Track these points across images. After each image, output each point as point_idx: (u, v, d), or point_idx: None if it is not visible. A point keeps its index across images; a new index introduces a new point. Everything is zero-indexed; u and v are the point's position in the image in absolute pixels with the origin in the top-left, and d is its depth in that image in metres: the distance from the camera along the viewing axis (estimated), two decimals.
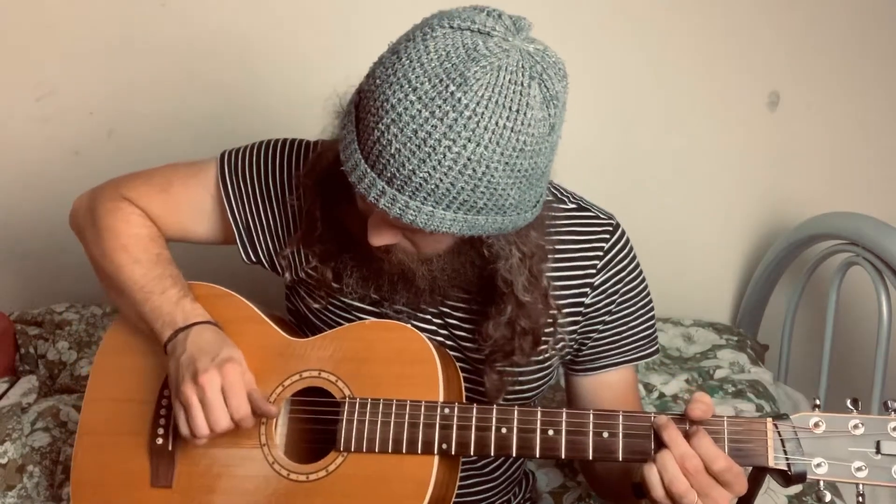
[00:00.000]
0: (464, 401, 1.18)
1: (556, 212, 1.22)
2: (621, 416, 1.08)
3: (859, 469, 1.02)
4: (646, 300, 1.26)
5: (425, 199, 0.97)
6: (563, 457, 1.09)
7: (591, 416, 1.08)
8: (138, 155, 2.03)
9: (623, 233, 1.25)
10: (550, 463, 1.62)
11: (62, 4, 2.03)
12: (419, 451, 1.10)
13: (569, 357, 1.28)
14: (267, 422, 1.18)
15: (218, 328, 1.20)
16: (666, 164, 2.11)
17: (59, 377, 1.87)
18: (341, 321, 1.24)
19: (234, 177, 1.27)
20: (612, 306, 1.23)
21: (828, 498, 1.03)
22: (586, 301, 1.22)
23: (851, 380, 1.99)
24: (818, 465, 1.03)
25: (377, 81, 0.97)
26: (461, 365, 1.21)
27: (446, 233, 1.01)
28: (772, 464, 1.04)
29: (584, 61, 2.03)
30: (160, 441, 1.21)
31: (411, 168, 0.96)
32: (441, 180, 0.96)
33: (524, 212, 1.05)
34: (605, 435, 1.07)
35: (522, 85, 0.95)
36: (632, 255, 1.25)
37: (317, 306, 1.26)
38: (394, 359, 1.14)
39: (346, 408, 1.13)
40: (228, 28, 2.03)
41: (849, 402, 1.04)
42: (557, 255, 1.21)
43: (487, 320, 1.16)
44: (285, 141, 1.28)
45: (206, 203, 1.30)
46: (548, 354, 1.24)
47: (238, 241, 1.28)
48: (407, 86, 0.95)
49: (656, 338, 1.29)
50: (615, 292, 1.23)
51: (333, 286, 1.22)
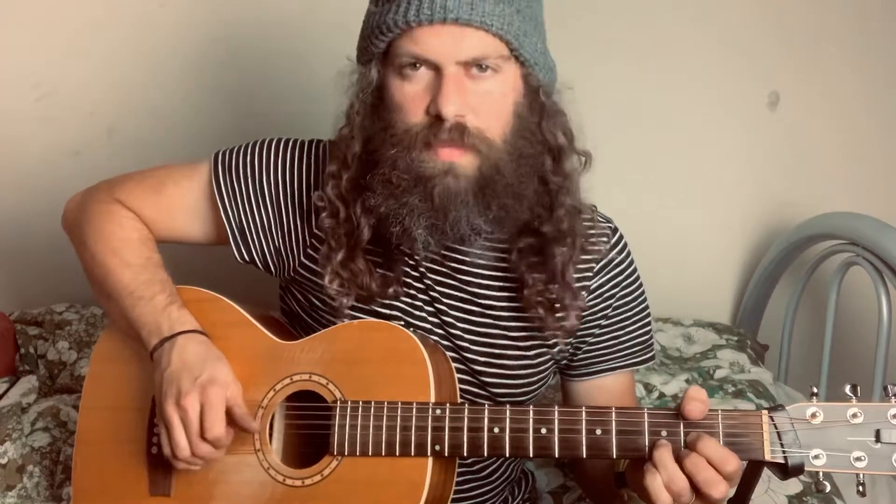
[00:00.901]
0: (458, 397, 1.17)
1: (588, 222, 1.21)
2: (614, 413, 1.06)
3: (858, 459, 1.00)
4: (643, 305, 1.26)
5: None
6: (557, 455, 1.08)
7: (584, 413, 1.07)
8: (138, 155, 2.04)
9: (622, 237, 1.24)
10: (550, 463, 1.62)
11: (62, 4, 2.03)
12: (412, 454, 1.10)
13: (564, 361, 1.27)
14: (251, 434, 1.17)
15: (204, 337, 1.19)
16: (666, 164, 2.11)
17: (59, 377, 1.87)
18: (335, 320, 1.22)
19: (227, 176, 1.27)
20: (609, 310, 1.23)
21: (828, 489, 1.01)
22: (582, 304, 1.21)
23: (851, 380, 1.95)
24: (816, 457, 1.00)
25: None
26: (451, 355, 1.20)
27: (506, 35, 1.07)
28: (768, 457, 1.02)
29: (585, 61, 2.03)
30: (155, 450, 1.21)
31: None
32: None
33: (551, 58, 1.16)
34: (599, 432, 1.06)
35: None
36: (630, 260, 1.24)
37: (346, 300, 1.21)
38: (384, 359, 1.14)
39: (338, 411, 1.13)
40: (228, 28, 2.03)
41: (847, 389, 1.02)
42: None
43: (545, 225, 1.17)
44: (279, 140, 1.28)
45: (199, 203, 1.30)
46: (539, 350, 1.22)
47: (231, 240, 1.27)
48: None
49: (653, 344, 1.29)
50: (612, 296, 1.23)
51: (377, 291, 1.19)
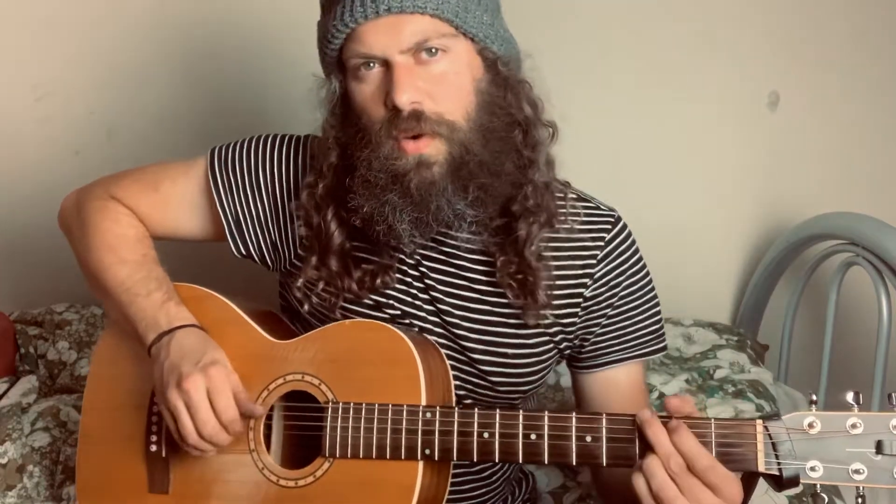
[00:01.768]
0: (452, 394, 1.17)
1: (561, 201, 1.21)
2: (604, 420, 1.04)
3: (857, 471, 0.96)
4: (650, 294, 1.25)
5: None
6: (547, 462, 1.06)
7: (574, 419, 1.05)
8: (138, 155, 2.04)
9: (625, 225, 1.24)
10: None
11: (62, 5, 2.03)
12: (403, 457, 1.09)
13: (569, 352, 1.26)
14: (254, 426, 1.17)
15: (201, 330, 1.19)
16: (666, 164, 2.11)
17: (59, 377, 1.87)
18: (330, 314, 1.22)
19: (223, 170, 1.27)
20: (615, 299, 1.22)
21: (826, 501, 0.97)
22: (586, 293, 1.21)
23: (851, 380, 1.99)
24: (812, 469, 0.97)
25: None
26: (452, 353, 1.20)
27: (444, 13, 1.08)
28: (762, 468, 0.99)
29: (585, 60, 2.04)
30: (154, 448, 1.21)
31: None
32: None
33: (504, 31, 1.16)
34: (588, 439, 1.04)
35: None
36: (634, 248, 1.23)
37: (306, 307, 1.24)
38: (376, 360, 1.13)
39: (330, 413, 1.13)
40: (228, 27, 2.03)
41: (850, 397, 0.97)
42: (557, 245, 1.20)
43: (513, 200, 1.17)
44: (275, 136, 1.29)
45: (195, 199, 1.30)
46: (541, 339, 1.22)
47: (228, 234, 1.28)
48: None
49: (663, 333, 1.27)
50: (617, 285, 1.22)
51: (357, 292, 1.20)
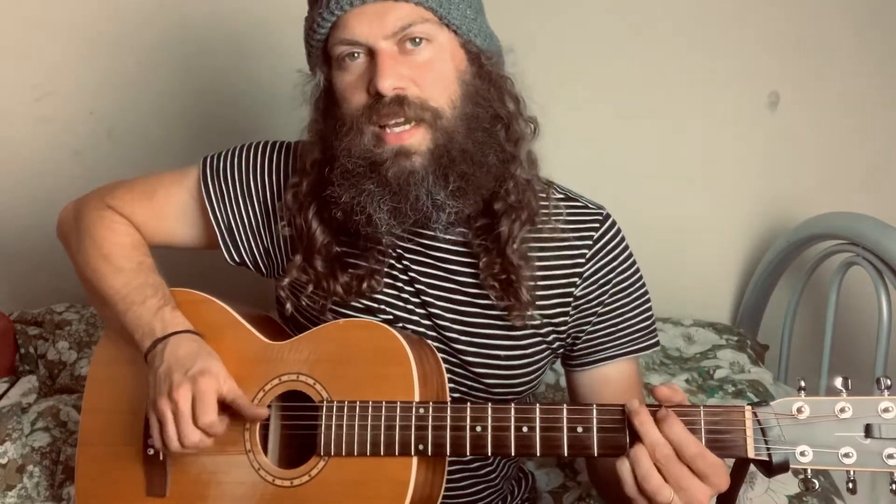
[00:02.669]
0: (446, 393, 1.17)
1: (544, 201, 1.21)
2: (595, 410, 1.05)
3: (847, 455, 0.96)
4: (641, 290, 1.25)
5: None
6: (539, 454, 1.07)
7: (565, 410, 1.06)
8: (138, 155, 2.06)
9: (614, 223, 1.24)
10: (550, 462, 1.62)
11: (62, 4, 2.03)
12: (397, 453, 1.10)
13: (563, 351, 1.27)
14: (250, 427, 1.18)
15: (197, 336, 1.20)
16: (666, 164, 2.10)
17: (59, 377, 1.87)
18: (324, 318, 1.23)
19: (215, 178, 1.28)
20: (605, 297, 1.22)
21: (817, 486, 0.98)
22: (576, 292, 1.21)
23: (851, 379, 1.99)
24: (802, 454, 0.97)
25: None
26: (445, 357, 1.20)
27: (426, 1, 1.09)
28: (751, 454, 0.99)
29: (585, 60, 2.04)
30: (151, 451, 1.22)
31: None
32: None
33: (487, 27, 1.17)
34: (580, 430, 1.05)
35: None
36: (624, 245, 1.24)
37: (289, 306, 1.25)
38: (369, 359, 1.14)
39: (325, 412, 1.13)
40: (228, 28, 2.03)
41: (838, 382, 0.98)
42: (545, 245, 1.20)
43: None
44: (265, 143, 1.30)
45: (189, 207, 1.31)
46: (533, 340, 1.22)
47: (220, 242, 1.29)
48: None
49: (655, 329, 1.27)
50: (607, 283, 1.22)
51: (341, 293, 1.21)
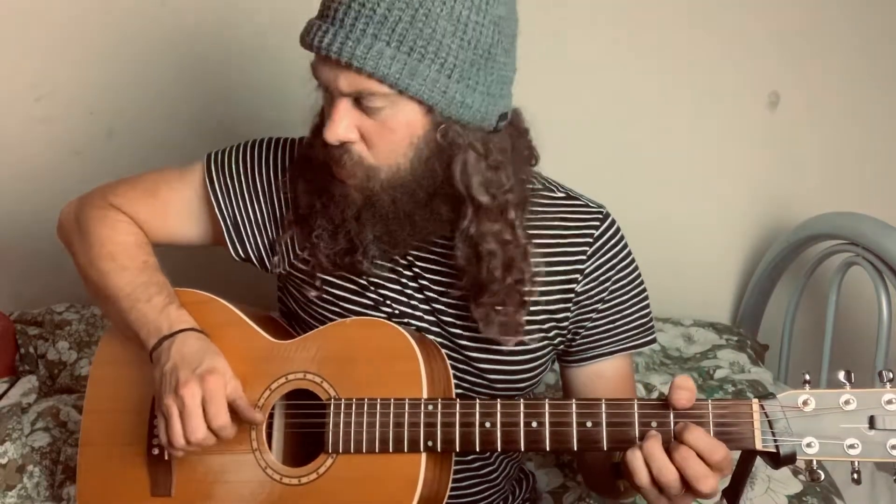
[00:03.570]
0: (453, 390, 1.17)
1: (545, 199, 1.22)
2: (604, 405, 1.06)
3: (852, 446, 0.98)
4: (639, 287, 1.26)
5: (364, 30, 1.02)
6: (549, 449, 1.08)
7: (574, 405, 1.06)
8: (138, 155, 2.05)
9: (613, 221, 1.24)
10: (550, 463, 1.62)
11: (62, 4, 2.03)
12: (406, 450, 1.10)
13: (562, 347, 1.27)
14: (257, 426, 1.18)
15: (203, 335, 1.20)
16: (666, 164, 2.11)
17: (59, 377, 1.87)
18: (330, 314, 1.24)
19: (220, 174, 1.28)
20: (605, 294, 1.23)
21: (822, 477, 1.00)
22: (577, 289, 1.22)
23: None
24: (808, 445, 0.99)
25: None
26: (449, 353, 1.20)
27: (385, 78, 1.03)
28: (759, 446, 1.01)
29: (585, 60, 2.04)
30: (156, 451, 1.21)
31: None
32: (378, 4, 1.02)
33: (472, 92, 1.07)
34: (589, 425, 1.05)
35: None
36: (623, 243, 1.24)
37: (314, 294, 1.24)
38: (376, 357, 1.14)
39: (332, 409, 1.13)
40: (229, 28, 2.03)
41: (841, 376, 1.00)
42: (546, 242, 1.21)
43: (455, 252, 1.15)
44: (270, 139, 1.30)
45: (193, 204, 1.31)
46: (534, 336, 1.22)
47: (227, 237, 1.28)
48: None
49: (652, 326, 1.28)
50: (607, 279, 1.23)
51: (326, 266, 1.21)
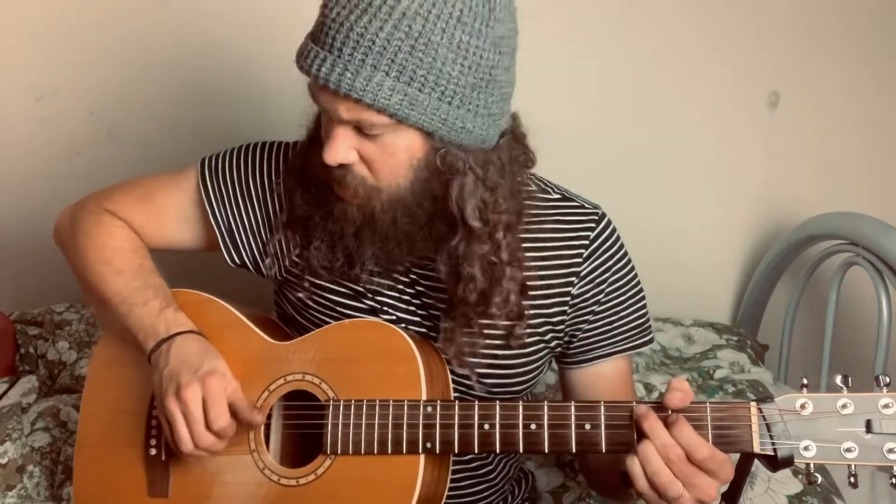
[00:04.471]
0: (451, 393, 1.17)
1: (540, 202, 1.22)
2: (603, 407, 1.06)
3: (849, 450, 0.98)
4: (636, 289, 1.26)
5: (363, 60, 1.01)
6: (547, 451, 1.08)
7: (573, 408, 1.07)
8: (138, 155, 2.05)
9: (609, 222, 1.24)
10: (550, 462, 1.62)
11: (62, 4, 2.03)
12: (404, 451, 1.10)
13: (559, 349, 1.27)
14: (255, 427, 1.18)
15: (201, 337, 1.20)
16: (666, 164, 2.11)
17: (59, 377, 1.87)
18: (326, 318, 1.24)
19: (214, 179, 1.28)
20: (601, 296, 1.23)
21: (819, 480, 1.00)
22: (573, 291, 1.21)
23: (851, 379, 1.99)
24: (806, 448, 0.99)
25: None
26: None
27: (385, 109, 1.02)
28: (757, 449, 1.01)
29: (585, 60, 2.04)
30: (153, 452, 1.22)
31: (348, 26, 1.01)
32: (377, 34, 1.00)
33: (473, 116, 1.07)
34: (588, 427, 1.06)
35: None
36: (619, 244, 1.24)
37: (301, 295, 1.25)
38: (375, 358, 1.14)
39: (331, 411, 1.13)
40: (229, 28, 2.03)
41: (838, 380, 1.01)
42: (542, 245, 1.21)
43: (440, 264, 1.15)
44: (265, 143, 1.30)
45: (188, 209, 1.31)
46: (532, 339, 1.22)
47: (221, 243, 1.28)
48: None
49: (649, 326, 1.28)
50: (603, 281, 1.22)
51: (319, 271, 1.21)
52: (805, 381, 1.03)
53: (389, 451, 1.11)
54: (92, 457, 1.26)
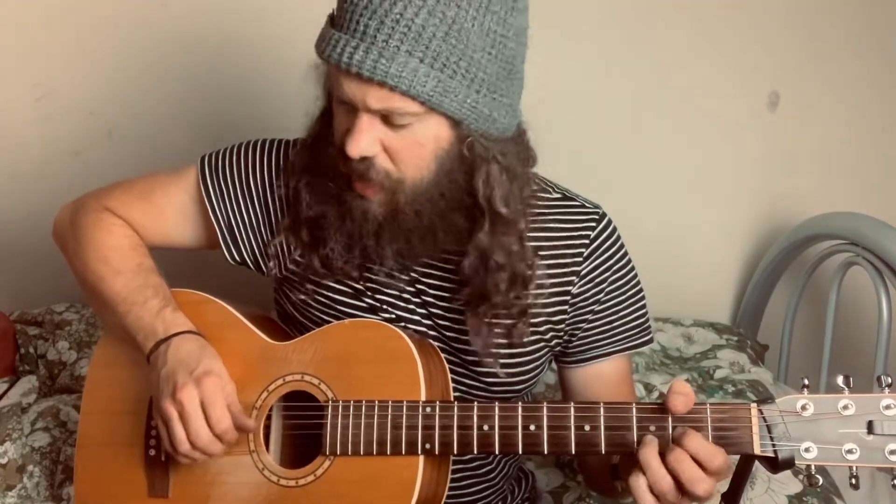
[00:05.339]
0: (451, 393, 1.17)
1: (541, 201, 1.22)
2: (602, 409, 1.06)
3: (850, 451, 0.98)
4: (636, 288, 1.26)
5: (398, 46, 1.00)
6: (546, 452, 1.08)
7: (572, 409, 1.06)
8: (138, 155, 2.05)
9: (610, 221, 1.24)
10: (550, 463, 1.62)
11: (63, 4, 2.03)
12: (403, 452, 1.10)
13: (559, 349, 1.27)
14: (249, 431, 1.18)
15: (199, 337, 1.19)
16: (666, 164, 2.11)
17: (59, 377, 1.87)
18: (326, 317, 1.24)
19: (214, 177, 1.28)
20: (601, 295, 1.23)
21: (820, 482, 0.99)
22: (573, 290, 1.21)
23: (852, 379, 1.99)
24: (807, 450, 0.99)
25: None
26: (446, 356, 1.20)
27: (419, 96, 1.01)
28: (757, 451, 1.01)
29: (585, 60, 2.04)
30: (153, 452, 1.21)
31: (382, 12, 1.00)
32: (413, 20, 0.99)
33: (497, 105, 1.07)
34: (587, 429, 1.05)
35: None
36: (619, 244, 1.24)
37: (303, 297, 1.24)
38: (374, 358, 1.14)
39: (330, 411, 1.13)
40: (229, 28, 2.03)
41: (840, 380, 1.00)
42: (543, 244, 1.20)
43: (463, 259, 1.14)
44: (265, 141, 1.29)
45: (187, 207, 1.31)
46: (532, 338, 1.22)
47: (221, 241, 1.28)
48: None
49: (649, 326, 1.28)
50: (603, 280, 1.22)
51: (321, 272, 1.21)
52: (806, 382, 1.02)
53: (389, 452, 1.10)
54: (92, 457, 1.26)
